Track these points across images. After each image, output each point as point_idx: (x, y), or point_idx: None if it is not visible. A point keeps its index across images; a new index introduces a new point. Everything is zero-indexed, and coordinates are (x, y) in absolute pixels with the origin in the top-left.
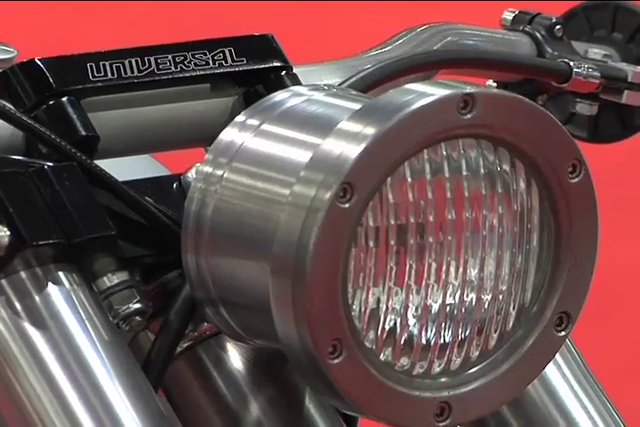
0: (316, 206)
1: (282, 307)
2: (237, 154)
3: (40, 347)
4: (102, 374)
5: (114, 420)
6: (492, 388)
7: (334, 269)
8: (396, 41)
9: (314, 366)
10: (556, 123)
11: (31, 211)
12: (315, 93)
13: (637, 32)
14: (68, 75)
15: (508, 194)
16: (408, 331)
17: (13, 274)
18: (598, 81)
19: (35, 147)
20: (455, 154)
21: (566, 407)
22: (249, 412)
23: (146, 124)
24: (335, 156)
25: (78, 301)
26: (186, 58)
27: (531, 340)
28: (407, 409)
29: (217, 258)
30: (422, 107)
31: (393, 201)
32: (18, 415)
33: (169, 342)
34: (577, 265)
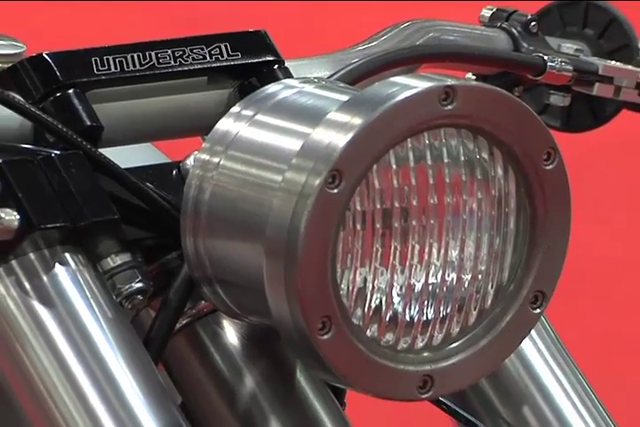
0: (306, 192)
1: (274, 286)
2: (233, 142)
3: (48, 323)
4: (106, 349)
5: (116, 392)
6: (472, 362)
7: (324, 251)
8: (381, 36)
9: (304, 341)
10: (532, 113)
11: (39, 196)
12: (305, 86)
13: (607, 28)
14: (73, 68)
15: (486, 180)
16: (393, 309)
17: (23, 255)
18: (571, 74)
19: (42, 136)
20: (437, 142)
21: (541, 380)
22: (244, 385)
23: (147, 114)
24: (324, 144)
25: (84, 280)
26: (184, 52)
27: (508, 317)
28: (392, 382)
29: (214, 240)
30: (406, 98)
31: (379, 187)
32: (26, 387)
33: (169, 319)
34: (551, 247)
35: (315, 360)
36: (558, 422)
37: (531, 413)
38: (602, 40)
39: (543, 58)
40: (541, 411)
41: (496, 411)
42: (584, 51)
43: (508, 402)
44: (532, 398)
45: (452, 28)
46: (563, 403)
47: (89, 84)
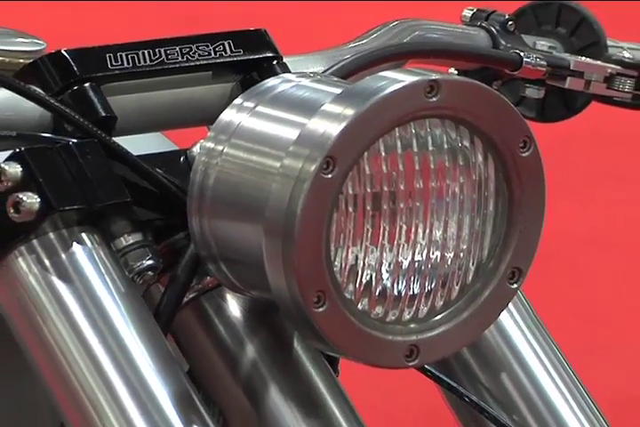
0: (302, 177)
1: (273, 263)
2: (235, 132)
3: (66, 297)
4: (119, 321)
5: (129, 359)
6: (455, 333)
7: (318, 231)
8: (371, 35)
9: (301, 314)
10: (509, 105)
11: (58, 181)
12: (302, 80)
13: (578, 27)
14: (89, 64)
15: (467, 166)
16: (382, 284)
17: (43, 235)
18: (545, 69)
19: (61, 126)
20: (422, 132)
21: (517, 349)
22: (245, 353)
23: (157, 106)
24: (319, 133)
25: (99, 258)
26: (191, 49)
27: (487, 291)
28: (381, 351)
29: (218, 221)
30: (394, 91)
31: (369, 172)
32: (46, 356)
33: (177, 293)
34: (527, 227)
35: (310, 331)
36: (533, 386)
37: (508, 379)
38: (573, 38)
39: (519, 54)
40: (517, 377)
41: (476, 377)
42: (557, 48)
43: (487, 369)
44: (509, 366)
45: (436, 27)
46: (537, 369)
47: (103, 79)
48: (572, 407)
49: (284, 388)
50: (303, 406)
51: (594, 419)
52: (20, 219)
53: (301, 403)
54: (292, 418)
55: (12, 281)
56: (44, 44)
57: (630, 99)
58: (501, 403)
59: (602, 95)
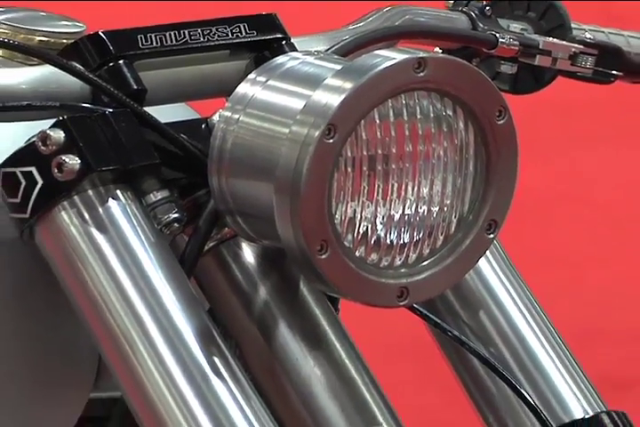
0: (308, 142)
1: (282, 216)
2: (250, 102)
3: (103, 246)
4: (149, 266)
5: (157, 299)
6: (439, 276)
7: (321, 189)
8: (367, 18)
9: (306, 260)
10: (486, 79)
11: (96, 145)
12: (307, 57)
13: (546, 12)
14: (123, 44)
15: (450, 132)
16: (376, 234)
17: (83, 192)
18: (517, 48)
19: (99, 97)
20: (411, 102)
21: (493, 290)
22: (258, 295)
23: (182, 80)
24: (322, 104)
25: (131, 212)
26: (211, 31)
27: (468, 241)
28: (376, 292)
29: (234, 180)
30: (387, 67)
31: (365, 137)
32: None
33: (199, 242)
34: (502, 185)
35: (315, 275)
36: (507, 322)
37: (485, 316)
38: (542, 21)
39: (495, 35)
40: (493, 314)
41: (458, 315)
42: (528, 30)
43: (468, 308)
44: (486, 305)
45: (423, 12)
46: (510, 307)
47: (135, 56)
48: (540, 339)
49: (292, 324)
50: (308, 340)
51: (558, 349)
52: (63, 178)
53: (307, 337)
54: (299, 350)
55: (56, 232)
56: (83, 26)
57: (591, 74)
58: (479, 337)
59: (566, 71)
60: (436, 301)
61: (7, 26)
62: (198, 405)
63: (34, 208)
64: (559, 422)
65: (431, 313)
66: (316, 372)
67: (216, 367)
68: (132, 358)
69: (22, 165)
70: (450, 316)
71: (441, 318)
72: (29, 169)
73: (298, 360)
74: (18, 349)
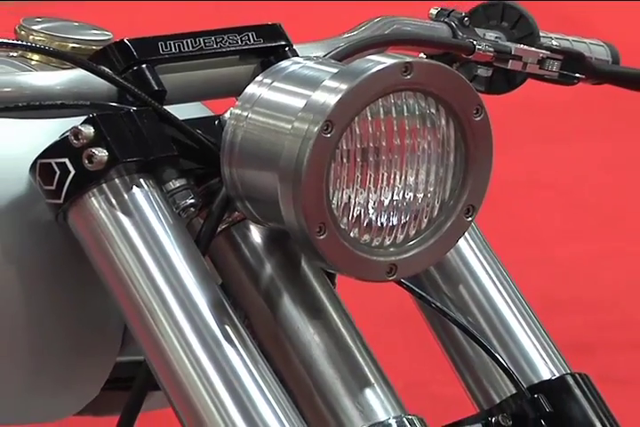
0: (308, 136)
1: (286, 201)
2: (257, 101)
3: (128, 228)
4: (168, 245)
5: (175, 275)
6: (424, 254)
7: (320, 177)
8: (360, 28)
9: (307, 240)
10: (465, 81)
11: (121, 139)
12: (308, 62)
13: (517, 22)
14: (146, 50)
15: (434, 128)
16: (368, 217)
17: (110, 180)
18: (492, 54)
19: (124, 97)
20: (399, 101)
21: (471, 266)
22: (265, 271)
23: (197, 82)
24: (321, 103)
25: (153, 198)
26: (223, 38)
27: (449, 223)
28: (368, 269)
29: (243, 170)
30: (377, 71)
31: (359, 132)
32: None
33: (212, 224)
34: (479, 174)
35: (314, 254)
36: (483, 294)
37: (464, 289)
38: (514, 30)
39: (473, 42)
40: (471, 287)
41: (440, 288)
42: (501, 37)
43: (449, 282)
44: (465, 279)
45: (410, 22)
46: (486, 281)
47: (156, 61)
48: (511, 309)
49: (294, 297)
50: (309, 311)
51: (528, 318)
52: (93, 168)
53: (307, 308)
54: (300, 320)
55: (86, 215)
56: (110, 34)
57: (557, 76)
58: (459, 308)
59: (535, 74)
60: (421, 276)
61: (44, 34)
62: (211, 367)
63: (67, 195)
64: (529, 383)
65: (417, 287)
66: (315, 339)
67: (227, 334)
68: (154, 326)
69: (57, 156)
70: (433, 289)
71: (425, 291)
72: (63, 160)
73: (299, 328)
74: (52, 317)
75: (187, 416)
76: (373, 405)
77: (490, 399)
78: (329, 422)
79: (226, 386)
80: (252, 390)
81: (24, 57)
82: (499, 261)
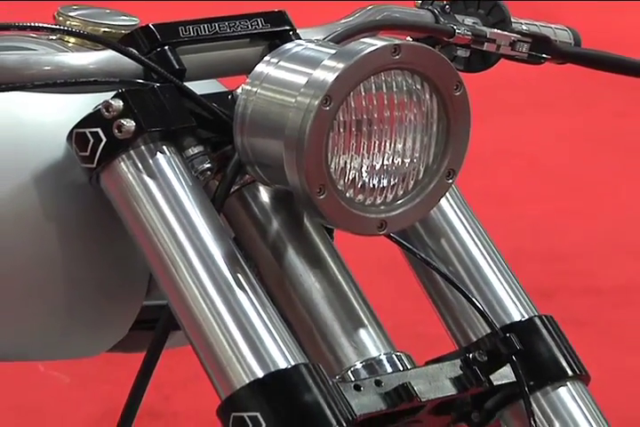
0: (310, 109)
1: (290, 166)
2: (265, 79)
3: (153, 189)
4: (188, 204)
5: (193, 228)
6: (410, 212)
7: (320, 145)
8: (355, 14)
9: (308, 199)
10: (447, 60)
11: (147, 111)
12: (309, 44)
13: (492, 9)
14: (168, 33)
15: (419, 101)
16: (362, 180)
17: (137, 147)
18: (470, 37)
19: (149, 75)
20: (389, 78)
21: (452, 222)
22: (272, 226)
23: (213, 61)
24: (321, 80)
25: (174, 163)
26: (235, 24)
27: (432, 185)
28: (362, 224)
29: (253, 138)
30: (370, 52)
31: (354, 106)
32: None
33: (226, 186)
34: (458, 142)
35: (315, 211)
36: (461, 246)
37: (445, 242)
38: (489, 16)
39: (453, 27)
40: (451, 241)
41: (425, 242)
42: (478, 23)
43: (432, 236)
44: (446, 233)
45: (398, 9)
46: (464, 235)
47: (177, 43)
48: (486, 259)
49: (297, 249)
50: (310, 261)
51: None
52: (122, 137)
53: (309, 259)
54: (303, 269)
55: (116, 178)
56: (137, 20)
57: (526, 57)
58: (440, 258)
59: (507, 55)
60: (408, 231)
61: (79, 20)
62: (225, 308)
63: (99, 160)
64: (501, 324)
65: (404, 240)
66: (316, 285)
67: (239, 281)
68: (175, 274)
69: (90, 126)
70: (418, 242)
71: (411, 244)
72: (96, 130)
73: (302, 276)
74: (86, 266)
75: (203, 352)
76: (366, 342)
77: (467, 338)
78: (327, 357)
79: (237, 325)
80: (259, 328)
81: (62, 40)
82: (476, 217)
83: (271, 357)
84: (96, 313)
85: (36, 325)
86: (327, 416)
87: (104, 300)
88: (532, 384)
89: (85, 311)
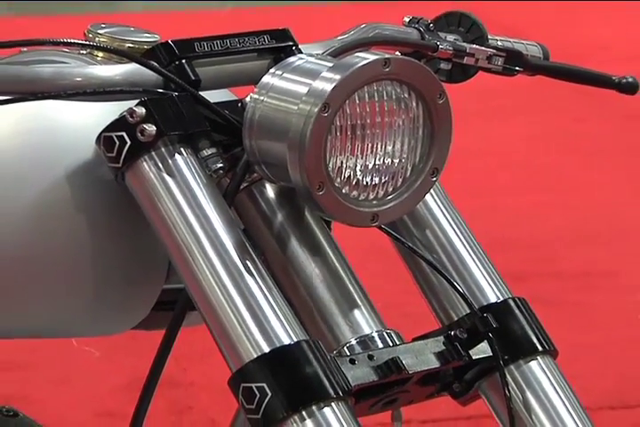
0: (310, 115)
1: (293, 165)
2: (271, 88)
3: (172, 186)
4: (202, 199)
5: (207, 220)
6: (399, 206)
7: (319, 146)
8: (350, 31)
9: (309, 195)
10: (431, 72)
11: (167, 117)
12: (310, 58)
13: (470, 27)
14: (185, 49)
15: (407, 108)
16: (356, 178)
17: (158, 149)
18: (451, 52)
19: (168, 85)
20: (380, 88)
21: (435, 215)
22: (277, 219)
23: (225, 73)
24: (320, 89)
25: (191, 163)
26: (244, 40)
27: (418, 182)
28: (356, 217)
29: (260, 141)
30: (363, 65)
31: (349, 112)
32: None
33: (236, 183)
34: (441, 144)
35: (315, 205)
36: (444, 236)
37: (429, 232)
38: (468, 34)
39: (436, 43)
40: (435, 231)
41: (411, 232)
42: (458, 39)
43: (418, 227)
44: (430, 225)
45: (388, 27)
46: (446, 226)
47: (193, 57)
48: (465, 247)
49: (300, 238)
50: (311, 250)
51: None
52: (144, 140)
53: (310, 248)
54: (304, 256)
55: (139, 176)
56: (158, 36)
57: (501, 69)
58: (425, 246)
59: (485, 67)
60: (397, 223)
61: (107, 36)
62: (235, 291)
63: (124, 160)
64: (479, 304)
65: (393, 231)
66: (316, 271)
67: (247, 266)
68: (190, 260)
69: (116, 130)
70: (406, 233)
71: (400, 234)
72: (121, 133)
73: (303, 263)
74: (112, 254)
75: (216, 330)
76: (360, 321)
77: (449, 317)
78: (326, 334)
79: (246, 306)
80: (266, 308)
81: (91, 54)
82: (456, 210)
83: (276, 334)
84: (121, 296)
85: (70, 306)
86: (326, 387)
87: (128, 284)
88: (506, 358)
89: (112, 294)
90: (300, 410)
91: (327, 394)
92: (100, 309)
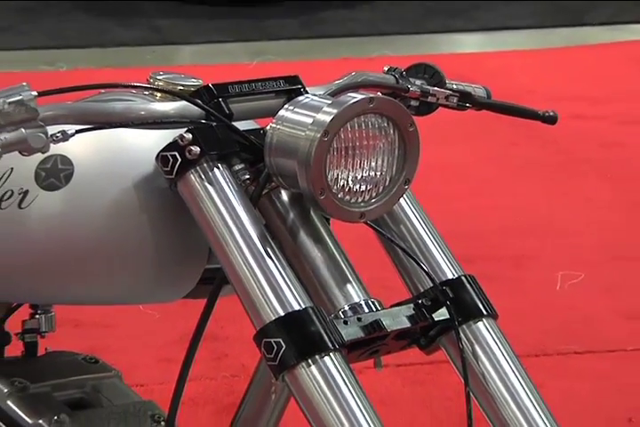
0: (314, 139)
1: (302, 177)
2: (285, 119)
3: (211, 191)
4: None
5: (238, 217)
6: (380, 207)
7: (321, 163)
8: (343, 77)
9: (314, 199)
10: (404, 107)
11: (208, 141)
12: (314, 97)
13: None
14: (221, 90)
15: (387, 134)
16: (348, 186)
17: (201, 165)
18: (419, 93)
19: (209, 117)
20: (367, 119)
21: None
22: (290, 217)
23: (251, 108)
24: (321, 120)
25: (226, 175)
26: (266, 84)
27: (394, 189)
28: (348, 215)
29: (277, 159)
30: (354, 102)
31: (343, 137)
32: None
33: (259, 190)
34: (412, 161)
35: (318, 206)
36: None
37: (402, 227)
38: (431, 79)
39: (407, 86)
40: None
41: (390, 226)
42: (424, 83)
43: (394, 222)
44: (403, 220)
45: (372, 74)
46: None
47: (227, 97)
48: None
49: (307, 231)
50: (315, 239)
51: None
52: (191, 158)
53: (314, 238)
54: (310, 244)
55: (188, 186)
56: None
57: (456, 106)
58: (400, 237)
59: (444, 104)
60: (379, 219)
61: (164, 81)
62: (258, 270)
63: (176, 173)
64: (440, 280)
65: (376, 225)
66: (318, 254)
67: (267, 251)
68: (225, 246)
69: (171, 151)
70: (385, 227)
71: (381, 228)
72: (174, 153)
73: (309, 249)
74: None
75: (244, 298)
76: (351, 291)
77: (417, 289)
78: (325, 302)
79: (266, 281)
80: (281, 282)
81: (152, 94)
82: (423, 209)
83: (289, 301)
84: (175, 273)
85: (138, 280)
86: (326, 341)
87: (179, 264)
88: (460, 320)
89: (168, 272)
90: (306, 358)
91: (327, 347)
92: (159, 282)
